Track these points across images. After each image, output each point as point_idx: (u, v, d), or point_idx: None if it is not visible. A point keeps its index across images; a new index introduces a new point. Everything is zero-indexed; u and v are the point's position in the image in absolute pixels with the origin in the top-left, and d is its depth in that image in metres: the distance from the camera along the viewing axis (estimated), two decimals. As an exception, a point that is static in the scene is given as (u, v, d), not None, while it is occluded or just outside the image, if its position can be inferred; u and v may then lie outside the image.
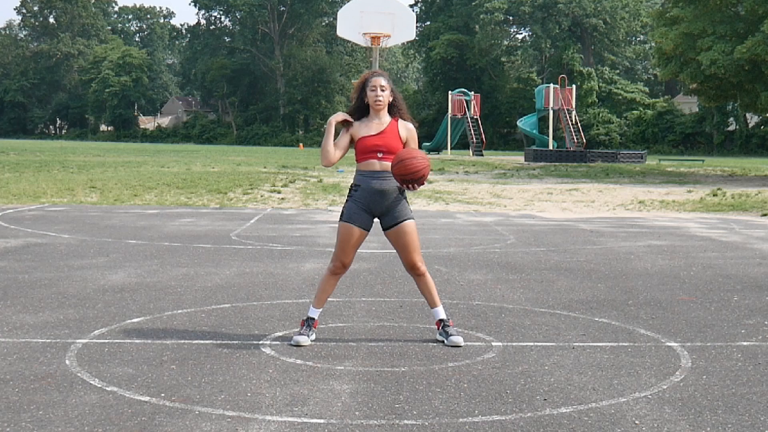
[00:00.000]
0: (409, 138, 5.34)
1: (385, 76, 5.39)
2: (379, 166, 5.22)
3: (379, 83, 5.29)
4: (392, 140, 5.25)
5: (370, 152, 5.23)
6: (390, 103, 5.33)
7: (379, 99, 5.25)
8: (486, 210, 16.30)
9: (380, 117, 5.30)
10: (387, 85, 5.31)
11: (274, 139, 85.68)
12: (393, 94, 5.34)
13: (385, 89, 5.28)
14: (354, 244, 5.29)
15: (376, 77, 5.34)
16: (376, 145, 5.22)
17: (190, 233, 11.22)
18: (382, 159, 5.22)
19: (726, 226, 13.61)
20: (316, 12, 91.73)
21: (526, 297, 6.94)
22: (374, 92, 5.27)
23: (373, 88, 5.28)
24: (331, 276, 5.32)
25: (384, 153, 5.21)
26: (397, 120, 5.34)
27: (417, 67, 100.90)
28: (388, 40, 18.61)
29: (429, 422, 3.82)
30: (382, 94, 5.26)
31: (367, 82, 5.33)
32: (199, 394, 4.18)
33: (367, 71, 5.58)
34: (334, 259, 5.31)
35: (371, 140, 5.24)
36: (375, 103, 5.26)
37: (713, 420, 3.90)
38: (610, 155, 42.39)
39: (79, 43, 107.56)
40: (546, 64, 78.99)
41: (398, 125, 5.32)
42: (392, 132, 5.28)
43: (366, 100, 5.31)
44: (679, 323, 6.00)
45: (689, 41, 30.59)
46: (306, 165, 33.76)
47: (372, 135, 5.25)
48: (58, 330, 5.48)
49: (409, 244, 5.32)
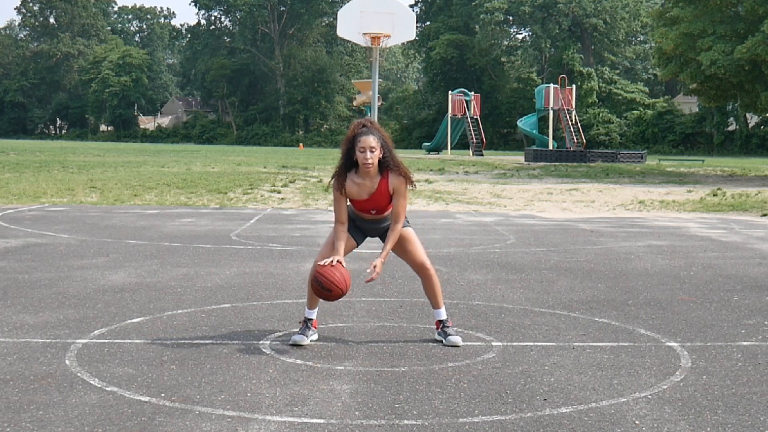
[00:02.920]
0: (395, 190, 5.19)
1: (375, 131, 5.13)
2: (371, 216, 5.33)
3: (369, 144, 5.07)
4: (382, 200, 5.24)
5: (362, 211, 5.30)
6: (381, 160, 5.14)
7: (368, 163, 5.08)
8: (486, 210, 16.30)
9: (371, 175, 5.17)
10: (376, 145, 5.09)
11: (274, 139, 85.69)
12: (383, 149, 5.13)
13: (374, 149, 5.07)
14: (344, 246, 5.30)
15: (365, 135, 5.10)
16: (367, 208, 5.27)
17: (190, 233, 11.22)
18: (375, 215, 5.32)
19: (726, 226, 13.61)
20: (316, 12, 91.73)
21: (526, 297, 6.94)
22: (363, 154, 5.07)
23: (362, 149, 5.07)
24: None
25: (376, 211, 5.28)
26: (387, 176, 5.18)
27: (417, 67, 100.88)
28: (388, 40, 18.59)
29: (429, 422, 3.82)
30: (371, 156, 5.07)
31: (356, 139, 5.10)
32: (199, 394, 4.18)
33: (355, 122, 5.28)
34: (317, 258, 5.28)
35: (363, 204, 5.25)
36: (364, 166, 5.10)
37: (713, 420, 3.90)
38: (610, 155, 42.39)
39: (79, 43, 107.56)
40: (546, 64, 79.01)
41: (388, 182, 5.19)
42: (382, 192, 5.21)
43: (355, 157, 5.13)
44: (679, 323, 6.00)
45: (689, 41, 30.59)
46: (306, 165, 33.76)
47: (363, 200, 5.22)
48: (58, 330, 5.48)
49: (413, 247, 5.35)
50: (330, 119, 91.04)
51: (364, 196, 5.21)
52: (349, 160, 5.18)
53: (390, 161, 5.17)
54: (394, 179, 5.19)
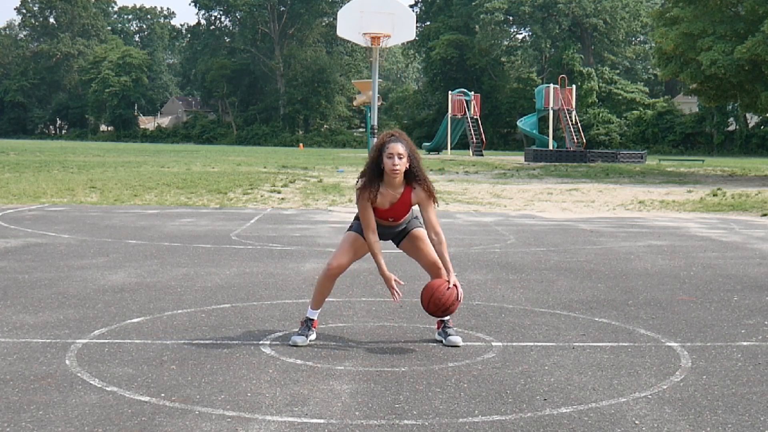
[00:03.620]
0: (421, 203, 5.21)
1: (403, 140, 5.16)
2: (387, 223, 5.34)
3: (397, 151, 5.08)
4: (403, 210, 5.27)
5: (380, 218, 5.31)
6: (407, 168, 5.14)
7: (396, 169, 5.09)
8: (486, 210, 16.30)
9: (395, 185, 5.17)
10: (404, 152, 5.09)
11: (274, 139, 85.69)
12: (410, 159, 5.14)
13: (402, 157, 5.08)
14: (355, 252, 5.33)
15: (394, 142, 5.12)
16: (386, 216, 5.28)
17: (190, 233, 11.22)
18: (392, 222, 5.33)
19: (726, 226, 13.61)
20: (316, 12, 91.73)
21: (526, 297, 6.94)
22: (391, 160, 5.08)
23: (390, 155, 5.09)
24: (327, 278, 5.30)
25: (394, 219, 5.30)
26: (411, 189, 5.20)
27: (417, 67, 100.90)
28: (388, 40, 18.59)
29: (429, 422, 3.82)
30: (399, 162, 5.07)
31: (385, 146, 5.12)
32: (199, 394, 4.18)
33: (385, 132, 5.29)
34: (330, 261, 5.31)
35: (382, 212, 5.26)
36: (391, 172, 5.10)
37: (713, 420, 3.90)
38: (610, 155, 42.40)
39: (79, 43, 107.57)
40: (546, 64, 79.01)
41: (411, 195, 5.21)
42: (404, 203, 5.23)
43: (382, 166, 5.13)
44: (679, 323, 6.00)
45: (689, 41, 30.59)
46: (306, 165, 33.76)
47: (385, 209, 5.23)
48: (58, 330, 5.48)
49: (426, 246, 5.35)
50: (330, 119, 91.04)
51: (386, 206, 5.22)
52: (376, 168, 5.17)
53: (417, 172, 5.17)
54: (419, 192, 5.20)
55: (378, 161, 5.14)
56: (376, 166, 5.16)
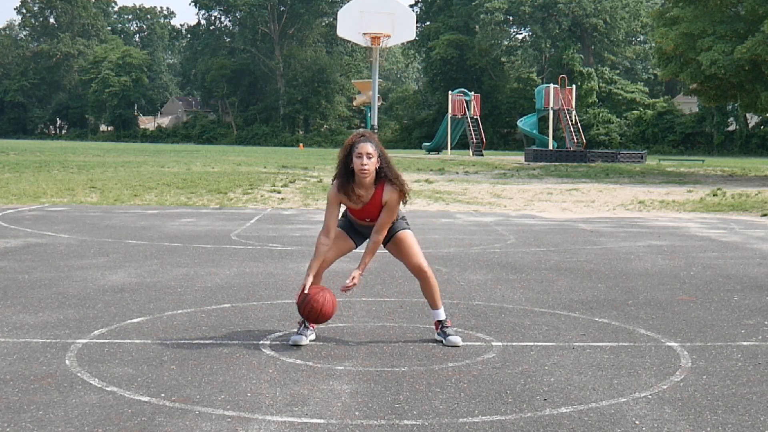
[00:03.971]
0: (387, 203, 5.17)
1: (373, 140, 5.13)
2: (366, 223, 5.33)
3: (366, 150, 5.04)
4: (376, 210, 5.23)
5: (357, 218, 5.31)
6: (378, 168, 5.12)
7: (364, 168, 5.05)
8: (486, 210, 16.30)
9: (365, 185, 5.14)
10: (374, 152, 5.06)
11: (274, 139, 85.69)
12: (380, 159, 5.10)
13: (371, 156, 5.05)
14: (338, 248, 5.32)
15: (363, 142, 5.08)
16: (362, 217, 5.28)
17: (190, 233, 11.22)
18: (369, 222, 5.31)
19: (726, 226, 13.61)
20: (316, 12, 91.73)
21: (526, 297, 6.94)
22: (360, 159, 5.04)
23: (359, 155, 5.04)
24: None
25: (371, 219, 5.28)
26: (383, 186, 5.16)
27: (417, 67, 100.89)
28: (388, 40, 18.60)
29: (429, 422, 3.82)
30: (368, 162, 5.04)
31: (354, 146, 5.07)
32: (199, 394, 4.18)
33: (354, 133, 5.28)
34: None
35: (356, 213, 5.27)
36: (360, 172, 5.06)
37: (713, 420, 3.90)
38: (610, 155, 42.38)
39: (79, 43, 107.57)
40: (546, 64, 79.01)
41: (382, 193, 5.17)
42: (376, 203, 5.20)
43: (351, 165, 5.09)
44: (679, 323, 6.00)
45: (689, 41, 30.58)
46: (306, 165, 33.76)
47: (359, 209, 5.23)
48: (58, 330, 5.48)
49: (410, 249, 5.35)
50: (330, 119, 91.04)
51: (359, 206, 5.22)
52: (345, 169, 5.15)
53: (387, 171, 5.15)
54: (388, 192, 5.17)
55: (347, 161, 5.13)
56: (345, 166, 5.14)
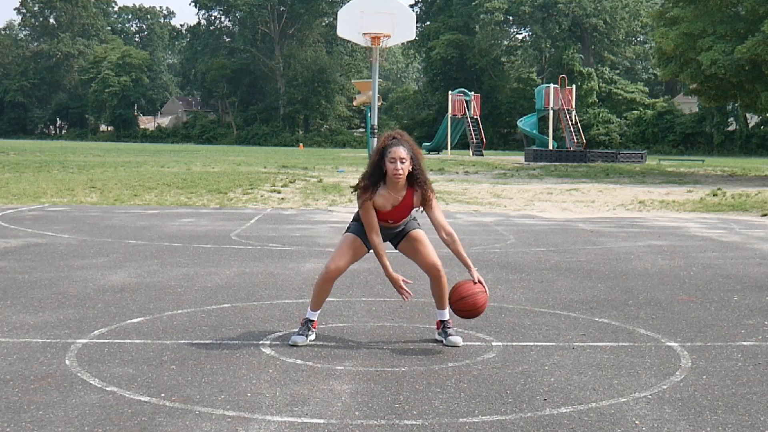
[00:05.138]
0: (423, 205, 5.20)
1: (406, 143, 5.11)
2: (387, 225, 5.31)
3: (399, 155, 5.03)
4: (404, 212, 5.25)
5: (380, 220, 5.27)
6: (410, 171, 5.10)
7: (398, 173, 5.05)
8: (486, 210, 16.30)
9: (397, 188, 5.13)
10: (407, 156, 5.05)
11: (274, 139, 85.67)
12: (412, 162, 5.09)
13: (405, 161, 5.04)
14: (354, 254, 5.30)
15: (395, 146, 5.06)
16: (386, 218, 5.26)
17: (190, 233, 11.22)
18: (391, 224, 5.30)
19: (726, 226, 13.61)
20: (316, 12, 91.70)
21: (526, 297, 6.94)
22: (393, 164, 5.04)
23: (392, 159, 5.04)
24: (325, 281, 5.27)
25: (394, 221, 5.28)
26: (413, 192, 5.17)
27: (417, 67, 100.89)
28: (388, 40, 18.58)
29: (429, 422, 3.82)
30: (401, 167, 5.03)
31: (387, 149, 5.07)
32: (199, 394, 4.18)
33: (386, 134, 5.23)
34: (328, 263, 5.28)
35: (384, 215, 5.23)
36: (394, 176, 5.06)
37: (713, 420, 3.90)
38: (610, 155, 42.39)
39: (79, 43, 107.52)
40: (546, 64, 79.02)
41: (413, 198, 5.19)
42: (406, 205, 5.21)
43: (384, 169, 5.08)
44: (679, 323, 6.00)
45: (689, 41, 30.59)
46: (306, 165, 33.76)
47: (387, 211, 5.20)
48: (58, 330, 5.48)
49: (424, 248, 5.34)
50: (330, 119, 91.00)
51: (388, 208, 5.19)
52: (378, 171, 5.12)
53: (419, 175, 5.13)
54: (420, 195, 5.17)
55: (380, 164, 5.10)
56: (378, 168, 5.11)
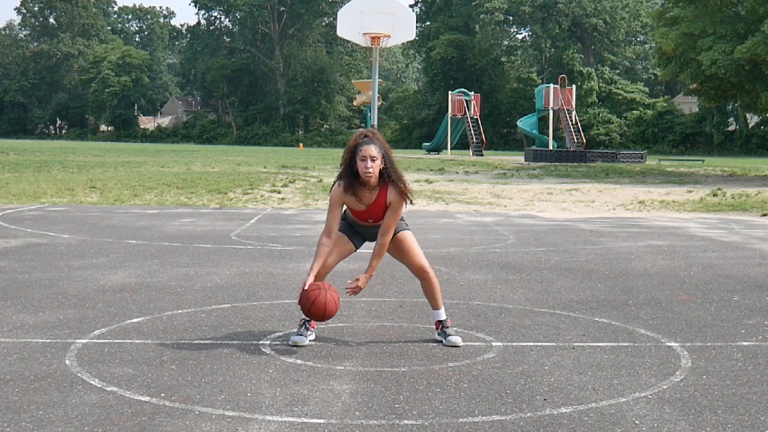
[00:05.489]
0: (391, 204, 5.16)
1: (376, 141, 5.09)
2: (368, 224, 5.31)
3: (370, 153, 5.01)
4: (379, 211, 5.21)
5: (359, 220, 5.29)
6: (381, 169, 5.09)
7: (368, 172, 5.03)
8: (486, 210, 16.30)
9: (370, 186, 5.12)
10: (378, 154, 5.03)
11: (274, 139, 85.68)
12: (384, 160, 5.08)
13: (375, 159, 5.02)
14: (339, 251, 5.30)
15: (366, 144, 5.05)
16: (365, 218, 5.26)
17: (190, 233, 11.22)
18: (372, 223, 5.30)
19: (726, 226, 13.61)
20: (316, 12, 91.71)
21: (526, 297, 6.94)
22: (364, 162, 5.02)
23: (363, 158, 5.02)
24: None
25: (374, 220, 5.27)
26: (387, 187, 5.15)
27: (417, 67, 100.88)
28: (388, 40, 18.61)
29: (429, 422, 3.82)
30: (371, 165, 5.02)
31: (357, 148, 5.05)
32: (199, 394, 4.18)
33: (357, 133, 5.25)
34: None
35: (360, 214, 5.24)
36: (364, 175, 5.04)
37: (713, 420, 3.90)
38: (610, 155, 42.39)
39: (79, 43, 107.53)
40: (546, 64, 79.02)
41: (387, 194, 5.15)
42: (379, 204, 5.18)
43: (356, 168, 5.07)
44: (679, 323, 6.00)
45: (689, 41, 30.58)
46: (306, 165, 33.76)
47: (362, 210, 5.21)
48: (58, 330, 5.48)
49: (411, 250, 5.34)
50: (330, 119, 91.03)
51: (362, 207, 5.20)
52: (350, 170, 5.12)
53: (391, 173, 5.12)
54: (392, 193, 5.15)
55: (351, 163, 5.10)
56: (350, 168, 5.12)
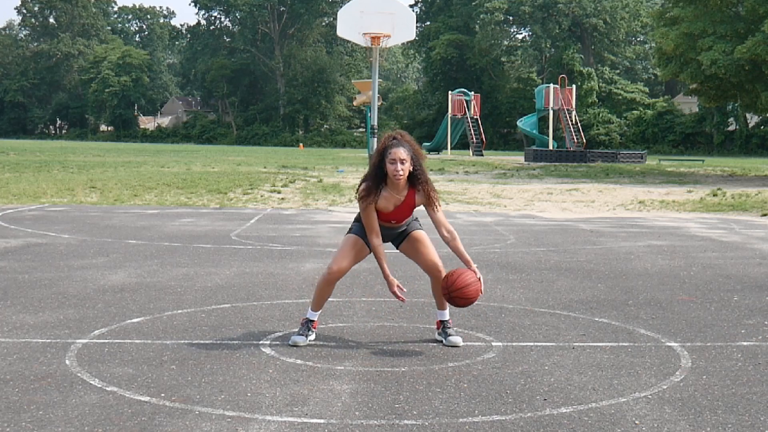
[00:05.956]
0: (424, 205, 5.20)
1: (407, 144, 5.10)
2: (389, 225, 5.31)
3: (399, 156, 5.02)
4: (406, 212, 5.24)
5: (382, 221, 5.27)
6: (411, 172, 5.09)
7: (398, 174, 5.04)
8: (486, 210, 16.30)
9: (398, 188, 5.13)
10: (407, 157, 5.04)
11: (274, 139, 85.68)
12: (413, 162, 5.08)
13: (405, 161, 5.03)
14: (356, 255, 5.29)
15: (396, 147, 5.05)
16: (388, 219, 5.25)
17: (190, 233, 11.22)
18: (394, 224, 5.29)
19: (726, 226, 13.61)
20: (316, 12, 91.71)
21: (526, 297, 6.94)
22: (393, 165, 5.03)
23: (392, 160, 5.03)
24: (327, 282, 5.26)
25: (396, 221, 5.27)
26: (415, 192, 5.17)
27: (417, 67, 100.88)
28: (388, 40, 18.59)
29: (429, 422, 3.82)
30: (401, 168, 5.02)
31: (387, 150, 5.06)
32: (199, 394, 4.18)
33: (386, 134, 5.22)
34: (330, 264, 5.27)
35: (386, 215, 5.22)
36: (394, 177, 5.06)
37: (713, 420, 3.90)
38: (610, 155, 42.40)
39: (79, 43, 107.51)
40: (546, 64, 79.02)
41: (415, 197, 5.19)
42: (408, 205, 5.21)
43: (385, 170, 5.07)
44: (679, 323, 6.00)
45: (689, 41, 30.59)
46: (306, 165, 33.76)
47: (389, 211, 5.20)
48: (58, 330, 5.48)
49: (425, 248, 5.33)
50: (330, 119, 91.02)
51: (390, 208, 5.19)
52: (379, 171, 5.12)
53: (420, 175, 5.12)
54: (422, 194, 5.17)
55: (380, 165, 5.10)
56: (379, 169, 5.11)
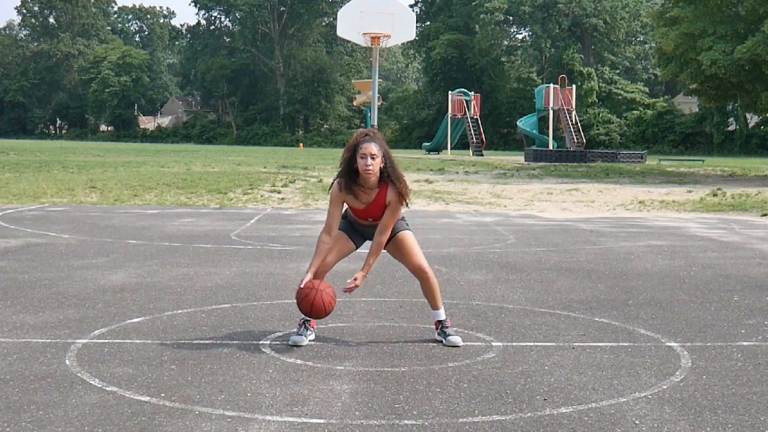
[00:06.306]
0: (390, 203, 5.18)
1: (377, 140, 5.12)
2: (368, 222, 5.32)
3: (370, 151, 5.04)
4: (379, 210, 5.23)
5: (359, 218, 5.31)
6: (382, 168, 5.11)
7: (368, 169, 5.06)
8: (486, 210, 16.30)
9: (369, 185, 5.14)
10: (378, 152, 5.06)
11: (274, 139, 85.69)
12: (384, 159, 5.12)
13: (375, 157, 5.05)
14: (339, 250, 5.31)
15: (366, 143, 5.08)
16: (364, 216, 5.27)
17: (190, 233, 11.22)
18: (372, 223, 5.31)
19: (726, 226, 13.61)
20: (316, 12, 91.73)
21: (526, 297, 6.94)
22: (364, 160, 5.05)
23: (363, 155, 5.05)
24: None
25: (373, 219, 5.28)
26: (386, 187, 5.16)
27: (417, 67, 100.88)
28: (388, 40, 18.61)
29: (429, 422, 3.82)
30: (372, 162, 5.04)
31: (358, 146, 5.08)
32: (199, 394, 4.18)
33: (359, 132, 5.29)
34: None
35: (359, 212, 5.26)
36: (364, 172, 5.07)
37: (713, 420, 3.90)
38: (610, 155, 42.39)
39: (79, 43, 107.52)
40: (546, 64, 79.02)
41: (386, 193, 5.17)
42: (379, 203, 5.20)
43: (356, 165, 5.11)
44: (679, 323, 6.00)
45: (689, 41, 30.58)
46: (306, 165, 33.76)
47: (360, 209, 5.23)
48: (58, 330, 5.48)
49: (410, 250, 5.35)
50: (330, 119, 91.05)
51: (362, 206, 5.22)
52: (350, 168, 5.14)
53: (391, 172, 5.14)
54: (392, 193, 5.17)
55: (352, 161, 5.13)
56: (350, 166, 5.14)
